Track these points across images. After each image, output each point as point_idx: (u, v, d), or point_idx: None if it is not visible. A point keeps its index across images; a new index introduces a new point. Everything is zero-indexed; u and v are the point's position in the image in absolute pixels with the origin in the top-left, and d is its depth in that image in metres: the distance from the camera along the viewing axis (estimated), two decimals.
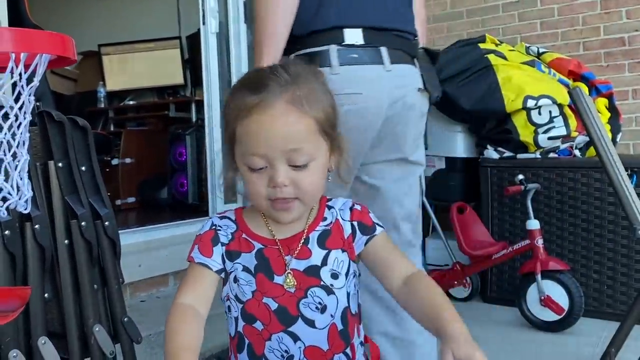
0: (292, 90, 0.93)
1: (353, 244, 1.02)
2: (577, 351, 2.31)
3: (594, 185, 2.67)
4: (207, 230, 1.04)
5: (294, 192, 0.94)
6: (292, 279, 0.98)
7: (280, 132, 0.92)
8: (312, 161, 0.94)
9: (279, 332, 0.97)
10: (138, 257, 2.52)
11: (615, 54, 3.32)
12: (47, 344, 1.40)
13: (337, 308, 0.98)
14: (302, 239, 1.01)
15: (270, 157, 0.92)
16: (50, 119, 1.41)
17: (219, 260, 1.00)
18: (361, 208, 1.06)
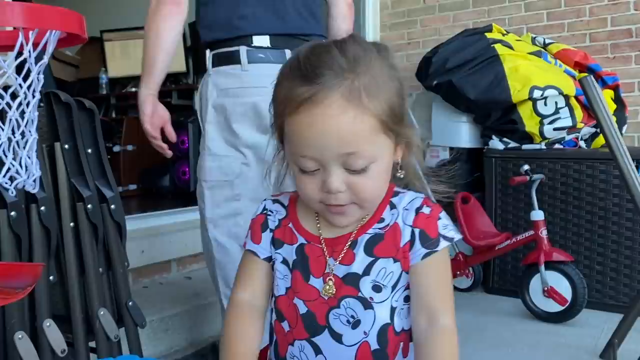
0: (349, 81, 0.79)
1: (409, 253, 0.88)
2: (579, 342, 2.31)
3: (599, 177, 2.66)
4: (259, 215, 0.97)
5: (350, 198, 0.83)
6: (333, 287, 0.88)
7: (333, 135, 0.78)
8: (373, 163, 0.82)
9: (303, 339, 0.89)
10: (140, 243, 2.51)
11: (622, 45, 3.30)
12: (52, 327, 1.39)
13: (373, 325, 0.87)
14: (348, 241, 0.89)
15: (323, 161, 0.81)
16: (57, 100, 1.40)
17: (267, 247, 0.94)
18: (430, 211, 0.89)
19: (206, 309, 2.32)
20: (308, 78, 0.79)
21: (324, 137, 0.79)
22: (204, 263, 2.84)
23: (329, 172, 0.81)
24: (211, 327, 2.32)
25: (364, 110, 0.79)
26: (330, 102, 0.78)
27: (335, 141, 0.79)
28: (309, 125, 0.79)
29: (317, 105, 0.78)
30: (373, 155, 0.81)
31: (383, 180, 0.86)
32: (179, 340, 2.19)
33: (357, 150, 0.79)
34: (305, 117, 0.79)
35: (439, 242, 0.87)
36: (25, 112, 0.99)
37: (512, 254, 2.85)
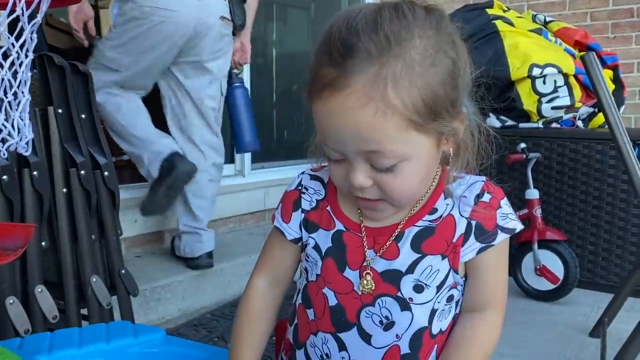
0: (377, 67, 0.66)
1: (461, 248, 0.77)
2: (570, 320, 2.32)
3: (595, 157, 2.66)
4: (293, 190, 0.87)
5: (379, 194, 0.73)
6: (371, 282, 0.77)
7: (351, 130, 0.68)
8: (403, 162, 0.70)
9: (327, 332, 0.80)
10: (134, 212, 2.50)
11: (623, 25, 3.27)
12: (43, 292, 1.38)
13: (408, 328, 0.77)
14: (394, 233, 0.79)
15: (344, 153, 0.71)
16: (51, 63, 1.37)
17: (296, 228, 0.85)
18: (490, 199, 0.78)
19: (199, 279, 2.32)
20: (334, 58, 0.68)
21: (342, 131, 0.69)
22: None
23: (353, 166, 0.71)
24: (203, 298, 2.32)
25: (387, 105, 0.66)
26: (351, 91, 0.66)
27: (354, 137, 0.68)
28: (327, 116, 0.69)
29: (337, 92, 0.67)
30: (402, 154, 0.69)
31: (419, 178, 0.74)
32: (171, 309, 2.19)
33: (380, 148, 0.68)
34: (325, 105, 0.69)
35: (496, 235, 0.77)
36: (18, 73, 0.96)
37: None
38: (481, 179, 0.80)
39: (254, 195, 3.10)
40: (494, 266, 0.79)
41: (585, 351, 2.04)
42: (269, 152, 3.62)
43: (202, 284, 2.33)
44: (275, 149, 3.80)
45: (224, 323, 2.15)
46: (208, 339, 2.02)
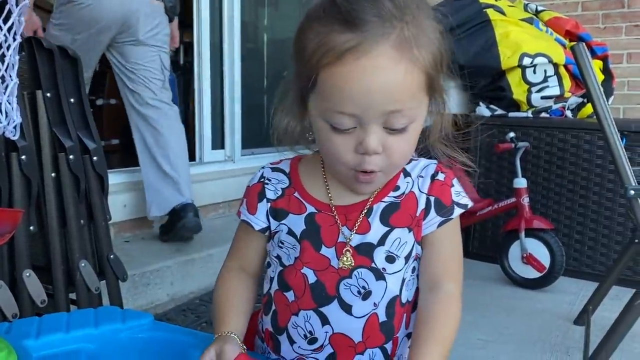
0: (399, 29, 0.70)
1: (423, 222, 0.83)
2: (555, 308, 2.36)
3: (583, 146, 2.68)
4: (255, 183, 0.90)
5: (381, 163, 0.76)
6: (351, 259, 0.82)
7: (382, 89, 0.70)
8: (412, 124, 0.74)
9: (309, 309, 0.84)
10: (123, 197, 2.50)
11: (613, 16, 3.28)
12: (31, 277, 1.38)
13: (383, 296, 0.83)
14: (364, 209, 0.83)
15: (364, 119, 0.72)
16: (39, 46, 1.36)
17: (263, 218, 0.88)
18: (445, 177, 0.84)
19: (188, 265, 2.32)
20: (351, 24, 0.69)
21: (371, 93, 0.70)
22: None
23: (368, 131, 0.73)
24: (192, 283, 2.33)
25: (415, 62, 0.71)
26: (380, 52, 0.69)
27: (383, 97, 0.70)
28: (355, 80, 0.69)
29: (364, 55, 0.69)
30: (414, 114, 0.74)
31: (414, 142, 0.78)
32: (160, 294, 2.19)
33: (403, 108, 0.71)
34: (351, 69, 0.69)
35: (453, 210, 0.83)
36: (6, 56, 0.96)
37: (493, 220, 2.88)
38: (433, 161, 0.86)
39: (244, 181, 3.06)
40: (449, 239, 0.85)
41: (570, 338, 2.07)
42: (259, 138, 3.62)
43: (191, 270, 2.33)
44: (265, 134, 3.79)
45: None
46: (197, 324, 2.03)
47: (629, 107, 3.29)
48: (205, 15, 3.06)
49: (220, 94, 3.21)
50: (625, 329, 1.57)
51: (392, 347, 0.85)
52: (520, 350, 1.97)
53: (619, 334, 1.56)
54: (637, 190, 1.53)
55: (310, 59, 0.72)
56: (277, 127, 0.87)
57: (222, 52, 3.19)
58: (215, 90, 3.17)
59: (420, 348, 0.76)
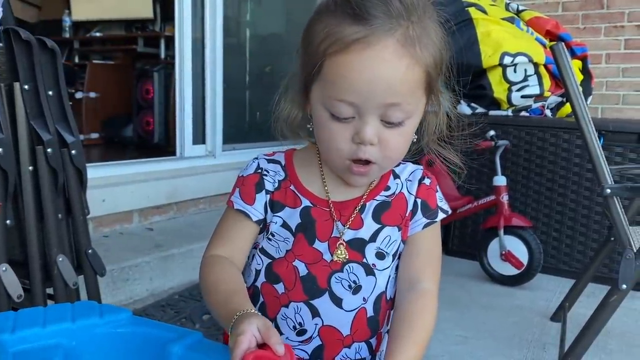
0: (404, 27, 0.74)
1: (410, 222, 0.87)
2: (532, 305, 2.39)
3: (561, 145, 2.71)
4: (252, 174, 0.89)
5: (377, 154, 0.78)
6: (345, 252, 0.84)
7: (385, 81, 0.73)
8: (408, 119, 0.78)
9: (300, 301, 0.85)
10: (102, 192, 2.47)
11: (592, 16, 3.33)
12: (7, 271, 1.36)
13: (372, 292, 0.85)
14: (358, 205, 0.86)
15: (362, 109, 0.75)
16: (17, 38, 1.34)
17: (261, 210, 0.87)
18: (430, 182, 0.89)
19: (167, 260, 2.31)
20: (360, 18, 0.73)
21: (373, 83, 0.73)
22: (166, 215, 2.84)
23: (366, 121, 0.76)
24: (172, 279, 2.31)
25: (417, 60, 0.74)
26: (385, 46, 0.73)
27: (383, 89, 0.73)
28: (359, 69, 0.73)
29: (370, 47, 0.72)
30: (411, 110, 0.77)
31: (410, 138, 0.81)
32: (139, 290, 2.18)
33: (402, 102, 0.75)
34: (356, 59, 0.73)
35: (437, 214, 0.88)
36: None
37: (472, 217, 2.90)
38: (419, 167, 0.91)
39: (225, 176, 3.08)
40: (431, 240, 0.89)
41: (546, 335, 2.10)
42: (241, 134, 3.60)
43: (171, 265, 2.32)
44: (247, 130, 3.79)
45: (192, 304, 2.15)
46: (176, 319, 2.02)
47: (607, 107, 3.34)
48: (187, 9, 3.03)
49: (202, 89, 3.19)
50: (600, 325, 1.59)
51: (376, 342, 0.88)
52: (498, 346, 1.99)
53: (594, 330, 1.59)
54: (613, 189, 1.55)
55: (318, 47, 0.76)
56: (279, 117, 0.88)
57: (204, 47, 3.17)
58: (197, 85, 3.15)
59: (398, 345, 0.77)
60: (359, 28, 0.72)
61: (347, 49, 0.73)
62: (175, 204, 2.88)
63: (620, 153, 2.59)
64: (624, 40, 3.28)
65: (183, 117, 3.08)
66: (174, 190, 2.86)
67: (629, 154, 2.57)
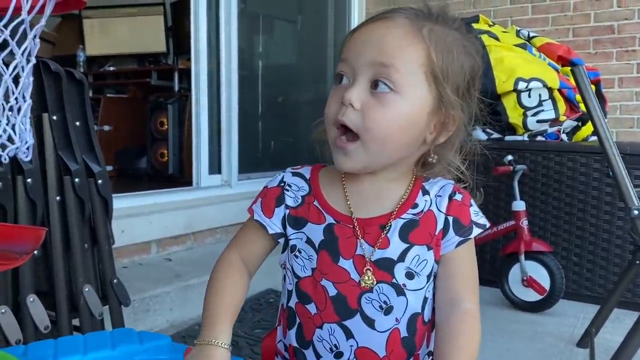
0: (423, 18, 0.81)
1: (442, 241, 0.85)
2: (557, 331, 2.35)
3: (579, 169, 2.70)
4: (275, 187, 0.90)
5: (356, 121, 0.78)
6: (372, 277, 0.83)
7: (378, 39, 0.79)
8: (397, 94, 0.78)
9: (333, 322, 0.84)
10: (121, 222, 2.47)
11: (604, 41, 3.35)
12: (35, 302, 1.36)
13: (405, 312, 0.84)
14: (382, 225, 0.85)
15: (356, 67, 0.79)
16: (47, 69, 1.36)
17: (278, 224, 0.88)
18: (462, 197, 0.86)
19: (186, 290, 2.29)
20: (393, 10, 0.83)
21: (369, 40, 0.80)
22: (184, 245, 2.83)
23: (354, 83, 0.79)
24: (192, 309, 2.30)
25: (418, 36, 0.79)
26: (393, 18, 0.81)
27: (376, 46, 0.78)
28: (364, 30, 0.81)
29: (382, 19, 0.81)
30: (402, 83, 0.78)
31: (399, 124, 0.79)
32: (159, 321, 2.16)
33: (392, 64, 0.77)
34: (367, 25, 0.82)
35: (472, 230, 0.85)
36: (20, 77, 0.95)
37: (491, 244, 2.88)
38: (450, 182, 0.89)
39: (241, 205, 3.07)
40: (467, 258, 0.86)
41: None
42: (256, 163, 3.62)
43: (190, 295, 2.30)
44: (261, 159, 3.80)
45: None
46: None
47: (622, 131, 3.34)
48: (202, 42, 3.08)
49: (217, 119, 3.22)
50: (632, 350, 1.56)
51: None
52: None
53: (626, 356, 1.56)
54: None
55: (347, 36, 0.84)
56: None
57: (219, 79, 3.21)
58: (212, 116, 3.18)
59: None
60: (381, 14, 0.83)
61: (365, 23, 0.83)
62: (192, 234, 2.88)
63: (639, 176, 2.57)
64: (636, 64, 3.30)
65: (199, 148, 3.10)
66: (190, 220, 2.86)
67: None
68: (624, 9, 3.28)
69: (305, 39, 4.27)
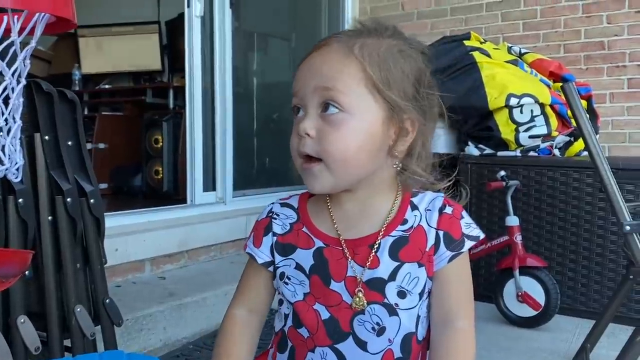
0: (349, 37, 0.83)
1: (434, 257, 0.84)
2: (553, 347, 2.34)
3: (572, 184, 2.71)
4: (264, 218, 0.93)
5: (316, 148, 0.80)
6: (363, 299, 0.82)
7: (317, 67, 0.82)
8: (348, 115, 0.79)
9: (325, 346, 0.84)
10: (115, 241, 2.46)
11: (594, 57, 3.38)
12: (26, 323, 1.35)
13: (398, 332, 0.83)
14: (371, 245, 0.84)
15: (304, 99, 0.82)
16: (38, 89, 1.37)
17: (267, 252, 0.90)
18: (452, 210, 0.85)
19: (180, 309, 2.28)
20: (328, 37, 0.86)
21: (309, 68, 0.83)
22: (178, 263, 2.82)
23: (307, 113, 0.82)
24: (186, 328, 2.28)
25: (350, 55, 0.81)
26: (328, 44, 0.83)
27: (316, 73, 0.81)
28: (303, 64, 0.84)
29: (316, 49, 0.84)
30: (349, 104, 0.80)
31: (356, 143, 0.80)
32: (153, 340, 2.15)
33: (334, 86, 0.80)
34: (306, 60, 0.84)
35: (464, 244, 0.84)
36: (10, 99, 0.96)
37: (486, 259, 2.88)
38: (440, 195, 0.88)
39: (236, 222, 3.09)
40: (460, 273, 0.85)
41: None
42: (250, 180, 3.62)
43: (184, 314, 2.29)
44: (256, 176, 3.80)
45: (206, 353, 2.12)
46: None
47: (614, 146, 3.35)
48: (197, 60, 3.10)
49: (212, 137, 3.23)
50: None
51: None
52: None
53: None
54: (633, 225, 1.54)
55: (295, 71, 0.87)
56: None
57: (213, 96, 3.22)
58: (207, 133, 3.19)
59: None
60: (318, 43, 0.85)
61: (308, 54, 0.85)
62: (186, 251, 2.87)
63: (631, 191, 2.58)
64: (626, 79, 3.32)
65: (194, 165, 3.11)
66: (185, 238, 2.86)
67: None
68: (613, 25, 3.32)
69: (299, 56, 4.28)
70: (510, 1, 3.61)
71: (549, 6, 3.50)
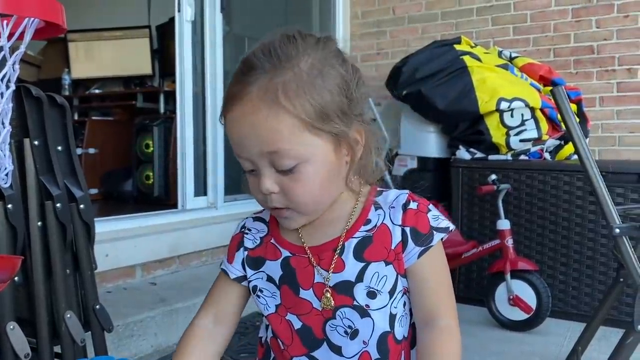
0: (269, 78, 0.75)
1: (403, 254, 0.82)
2: (544, 350, 2.35)
3: (562, 187, 2.73)
4: (237, 233, 0.92)
5: (284, 201, 0.79)
6: (331, 299, 0.82)
7: (251, 133, 0.75)
8: (302, 164, 0.76)
9: (301, 355, 0.84)
10: (105, 246, 2.45)
11: (584, 61, 3.40)
12: (15, 330, 1.34)
13: (372, 333, 0.82)
14: (335, 248, 0.83)
15: (252, 160, 0.77)
16: (28, 94, 1.36)
17: (239, 267, 0.89)
18: (418, 205, 0.83)
19: (172, 315, 2.27)
20: (242, 73, 0.77)
21: (243, 136, 0.76)
22: (169, 268, 2.81)
23: (261, 172, 0.77)
24: (177, 334, 2.27)
25: (279, 108, 0.73)
26: (248, 98, 0.75)
27: (254, 139, 0.75)
28: (232, 124, 0.78)
29: (238, 102, 0.76)
30: (300, 155, 0.75)
31: (319, 182, 0.78)
32: (144, 346, 2.13)
33: (278, 149, 0.75)
34: (230, 116, 0.78)
35: (432, 237, 0.82)
36: None
37: (477, 262, 2.89)
38: (404, 191, 0.86)
39: (227, 227, 3.06)
40: (434, 268, 0.83)
41: None
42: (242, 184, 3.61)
43: (175, 320, 2.28)
44: None
45: None
46: None
47: (604, 149, 3.37)
48: (187, 64, 3.09)
49: (203, 141, 3.22)
50: None
51: None
52: None
53: None
54: (622, 229, 1.55)
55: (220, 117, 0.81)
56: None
57: (204, 100, 3.21)
58: (198, 138, 3.18)
59: None
60: (235, 86, 0.77)
61: (227, 108, 0.78)
62: (178, 257, 2.86)
63: (621, 194, 2.60)
64: (616, 83, 3.35)
65: (185, 170, 3.10)
66: (176, 243, 2.85)
67: (630, 194, 2.58)
68: (603, 30, 3.34)
69: None
70: (501, 6, 3.63)
71: (539, 11, 3.52)
